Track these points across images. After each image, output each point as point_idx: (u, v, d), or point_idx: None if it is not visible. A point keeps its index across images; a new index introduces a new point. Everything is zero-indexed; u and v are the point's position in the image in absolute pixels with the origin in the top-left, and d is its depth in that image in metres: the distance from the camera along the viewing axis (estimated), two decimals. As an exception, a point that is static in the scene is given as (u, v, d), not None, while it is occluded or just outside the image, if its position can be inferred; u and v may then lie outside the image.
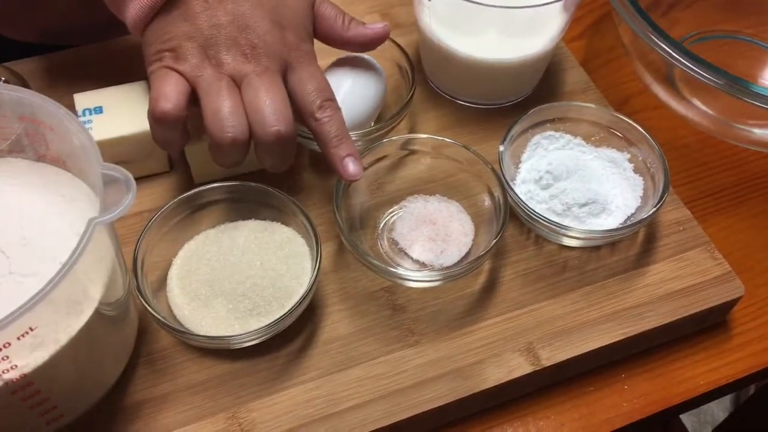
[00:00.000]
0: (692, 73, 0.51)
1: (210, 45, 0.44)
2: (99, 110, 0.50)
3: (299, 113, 0.46)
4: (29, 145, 0.42)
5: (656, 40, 0.52)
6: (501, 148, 0.49)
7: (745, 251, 0.54)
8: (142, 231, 0.45)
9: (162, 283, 0.46)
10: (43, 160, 0.43)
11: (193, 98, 0.44)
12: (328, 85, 0.46)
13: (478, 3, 0.49)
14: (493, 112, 0.58)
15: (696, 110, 0.58)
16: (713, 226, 0.55)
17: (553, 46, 0.55)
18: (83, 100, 0.50)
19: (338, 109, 0.46)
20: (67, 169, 0.43)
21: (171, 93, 0.43)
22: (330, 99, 0.46)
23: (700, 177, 0.58)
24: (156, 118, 0.43)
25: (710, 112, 0.58)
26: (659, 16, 0.68)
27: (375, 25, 0.50)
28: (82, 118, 0.49)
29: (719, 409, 1.28)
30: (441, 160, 0.51)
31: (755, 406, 0.95)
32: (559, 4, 0.51)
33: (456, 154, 0.50)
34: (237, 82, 0.44)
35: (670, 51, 0.52)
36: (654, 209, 0.47)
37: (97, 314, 0.37)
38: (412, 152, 0.51)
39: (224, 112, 0.43)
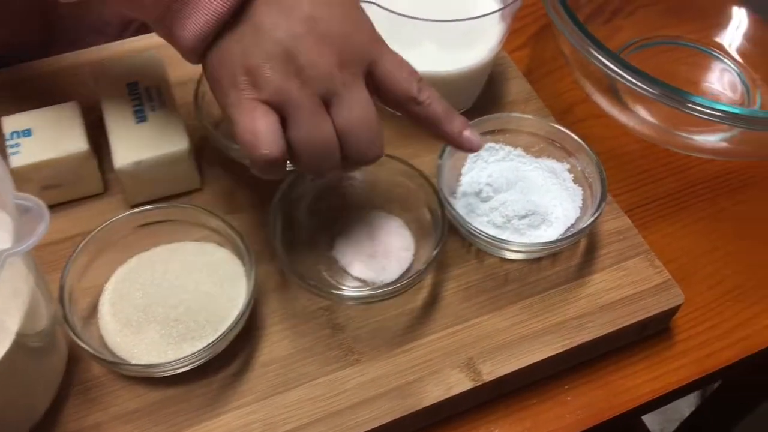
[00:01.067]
0: (630, 84, 0.51)
1: (291, 61, 0.38)
2: (28, 133, 0.49)
3: (396, 103, 0.43)
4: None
5: (594, 52, 0.52)
6: (439, 161, 0.49)
7: (688, 257, 0.54)
8: (70, 257, 0.44)
9: (94, 309, 0.45)
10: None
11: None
12: (413, 67, 0.43)
13: (411, 17, 0.48)
14: (435, 124, 0.57)
15: (638, 119, 0.59)
16: (656, 233, 0.55)
17: (492, 57, 0.55)
18: (11, 122, 0.49)
19: (431, 86, 0.43)
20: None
21: (266, 134, 0.37)
22: (422, 79, 0.43)
23: (643, 184, 0.58)
24: (261, 165, 0.38)
25: (652, 120, 0.58)
26: (602, 24, 0.69)
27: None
28: (9, 142, 0.48)
29: (686, 405, 1.29)
30: (381, 176, 0.50)
31: (719, 400, 0.95)
32: (495, 15, 0.51)
33: (395, 169, 0.50)
34: (326, 100, 0.39)
35: (608, 63, 0.52)
36: (591, 219, 0.47)
37: (17, 346, 0.36)
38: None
39: (319, 141, 0.39)
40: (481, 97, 0.59)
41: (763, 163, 0.60)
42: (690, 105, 0.50)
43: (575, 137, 0.51)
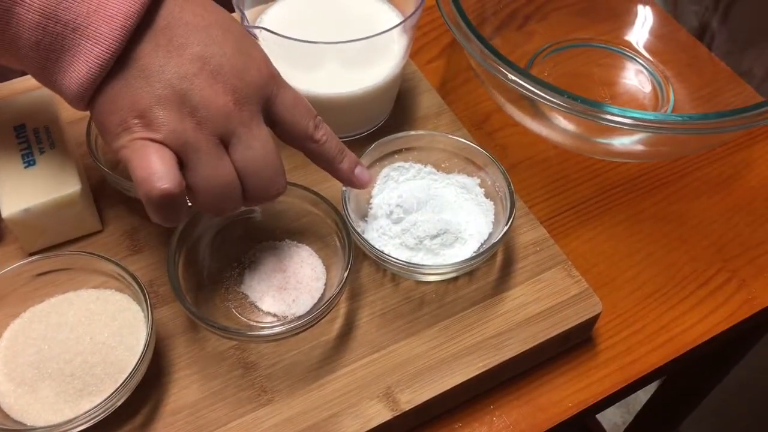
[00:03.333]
0: (539, 99, 0.50)
1: (183, 102, 0.36)
2: None
3: (292, 140, 0.42)
4: None
5: (501, 68, 0.51)
6: (344, 188, 0.48)
7: (608, 263, 0.54)
8: (-46, 317, 0.41)
9: (-15, 370, 0.42)
10: None
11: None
12: (309, 103, 0.43)
13: (307, 42, 0.47)
14: (348, 144, 0.56)
15: (553, 128, 0.58)
16: (576, 239, 0.55)
17: (398, 72, 0.54)
18: None
19: (325, 124, 0.44)
20: None
21: (162, 168, 0.36)
22: (318, 116, 0.43)
23: (561, 191, 0.58)
24: (158, 201, 0.36)
25: (567, 128, 0.57)
26: (515, 30, 0.68)
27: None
28: None
29: (645, 395, 1.30)
30: (287, 204, 0.49)
31: (673, 385, 0.95)
32: (396, 30, 0.50)
33: (301, 197, 0.48)
34: (224, 140, 0.38)
35: (516, 79, 0.50)
36: (502, 233, 0.46)
37: None
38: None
39: (219, 183, 0.38)
40: (392, 113, 0.58)
41: (678, 163, 0.60)
42: (602, 115, 0.49)
43: (483, 151, 0.50)
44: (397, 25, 0.49)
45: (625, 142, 0.57)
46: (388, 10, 0.55)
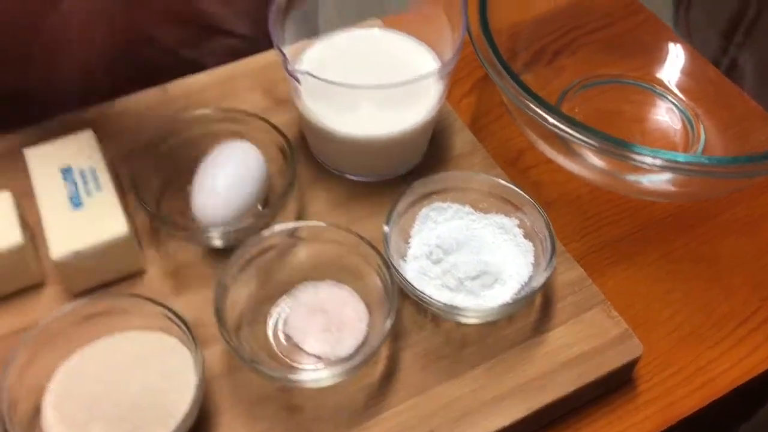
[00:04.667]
0: (570, 137, 0.51)
1: None
2: (-43, 229, 0.47)
3: None
4: None
5: (533, 106, 0.52)
6: (386, 228, 0.48)
7: (644, 303, 0.54)
8: (8, 358, 0.42)
9: (36, 412, 0.43)
10: None
11: None
12: None
13: (348, 86, 0.48)
14: (383, 184, 0.57)
15: (584, 164, 0.58)
16: (611, 279, 0.55)
17: (433, 114, 0.54)
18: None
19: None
20: None
21: None
22: None
23: (594, 229, 0.58)
24: None
25: (598, 165, 0.58)
26: (545, 65, 0.69)
27: None
28: (-62, 240, 0.46)
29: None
30: (328, 245, 0.49)
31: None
32: (434, 73, 0.51)
33: (341, 238, 0.49)
34: None
35: (548, 117, 0.51)
36: (544, 278, 0.47)
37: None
38: (299, 239, 0.50)
39: None
40: (427, 153, 0.58)
41: (708, 202, 0.60)
42: (633, 155, 0.49)
43: (521, 192, 0.51)
44: (435, 72, 0.50)
45: (655, 180, 0.57)
46: (425, 51, 0.56)
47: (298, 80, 0.49)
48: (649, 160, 0.49)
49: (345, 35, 0.58)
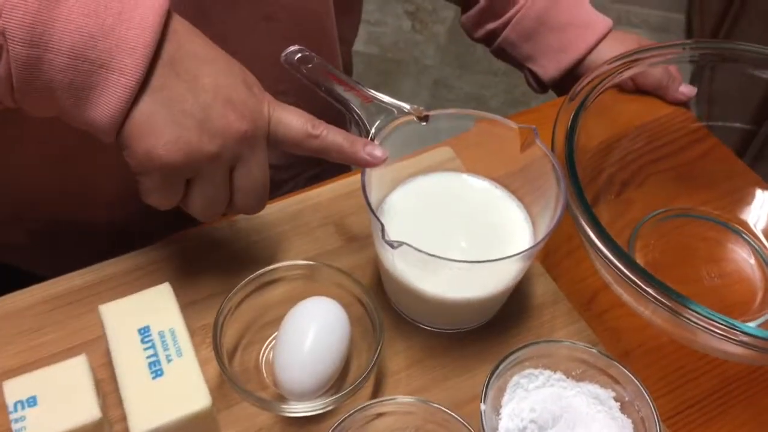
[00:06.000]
0: (637, 288, 0.49)
1: (204, 130, 0.42)
2: (33, 402, 0.44)
3: (296, 145, 0.47)
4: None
5: (600, 245, 0.50)
6: (483, 407, 0.46)
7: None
8: None
9: None
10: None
11: None
12: (303, 111, 0.47)
13: (446, 259, 0.46)
14: (464, 335, 0.55)
15: (658, 314, 0.56)
16: (702, 442, 0.53)
17: (522, 275, 0.53)
18: (14, 389, 0.44)
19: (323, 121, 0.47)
20: None
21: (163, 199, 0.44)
22: (315, 118, 0.47)
23: (680, 384, 0.56)
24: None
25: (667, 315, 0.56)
26: (614, 198, 0.68)
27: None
28: (13, 415, 0.43)
29: None
30: (412, 417, 0.47)
31: None
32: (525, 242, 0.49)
33: (427, 413, 0.46)
34: (232, 164, 0.44)
35: (613, 259, 0.50)
36: (649, 465, 0.45)
37: None
38: (380, 414, 0.47)
39: (215, 200, 0.45)
40: (508, 301, 0.56)
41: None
42: (687, 315, 0.47)
43: (622, 368, 0.48)
44: (532, 250, 0.48)
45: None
46: (515, 207, 0.55)
47: (392, 246, 0.47)
48: (703, 323, 0.47)
49: (425, 180, 0.56)
